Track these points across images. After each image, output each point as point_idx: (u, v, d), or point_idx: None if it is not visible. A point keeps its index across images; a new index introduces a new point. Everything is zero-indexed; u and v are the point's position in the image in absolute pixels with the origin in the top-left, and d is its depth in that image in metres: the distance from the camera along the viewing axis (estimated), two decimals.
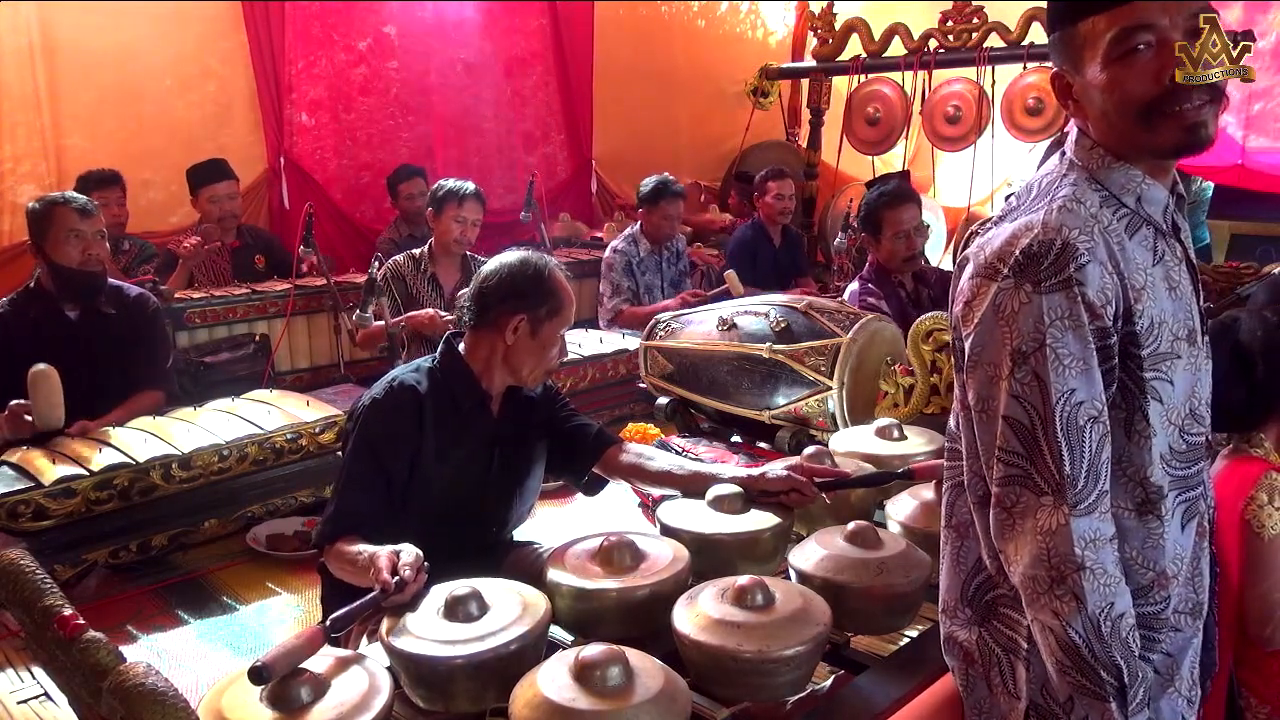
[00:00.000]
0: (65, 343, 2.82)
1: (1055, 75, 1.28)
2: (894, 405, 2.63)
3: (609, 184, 6.58)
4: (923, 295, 3.35)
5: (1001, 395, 1.18)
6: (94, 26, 4.44)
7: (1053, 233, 1.17)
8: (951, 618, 1.40)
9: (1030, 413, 1.16)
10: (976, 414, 1.23)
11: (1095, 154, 1.25)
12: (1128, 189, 1.24)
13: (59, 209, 2.79)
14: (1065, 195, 1.22)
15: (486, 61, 5.88)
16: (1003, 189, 6.25)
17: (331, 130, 5.36)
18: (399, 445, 1.90)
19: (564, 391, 3.39)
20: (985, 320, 1.20)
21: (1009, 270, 1.18)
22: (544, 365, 2.00)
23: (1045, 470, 1.16)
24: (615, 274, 4.52)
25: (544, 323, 1.96)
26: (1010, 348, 1.17)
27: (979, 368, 1.21)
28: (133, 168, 4.57)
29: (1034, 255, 1.16)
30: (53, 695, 1.54)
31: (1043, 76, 5.24)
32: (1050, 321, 1.15)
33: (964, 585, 1.37)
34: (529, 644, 1.40)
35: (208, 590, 2.55)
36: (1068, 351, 1.15)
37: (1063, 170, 1.27)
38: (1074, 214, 1.19)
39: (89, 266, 2.83)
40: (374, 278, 3.44)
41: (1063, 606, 1.14)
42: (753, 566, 1.74)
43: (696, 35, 7.03)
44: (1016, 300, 1.17)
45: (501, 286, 1.96)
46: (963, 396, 1.30)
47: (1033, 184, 1.30)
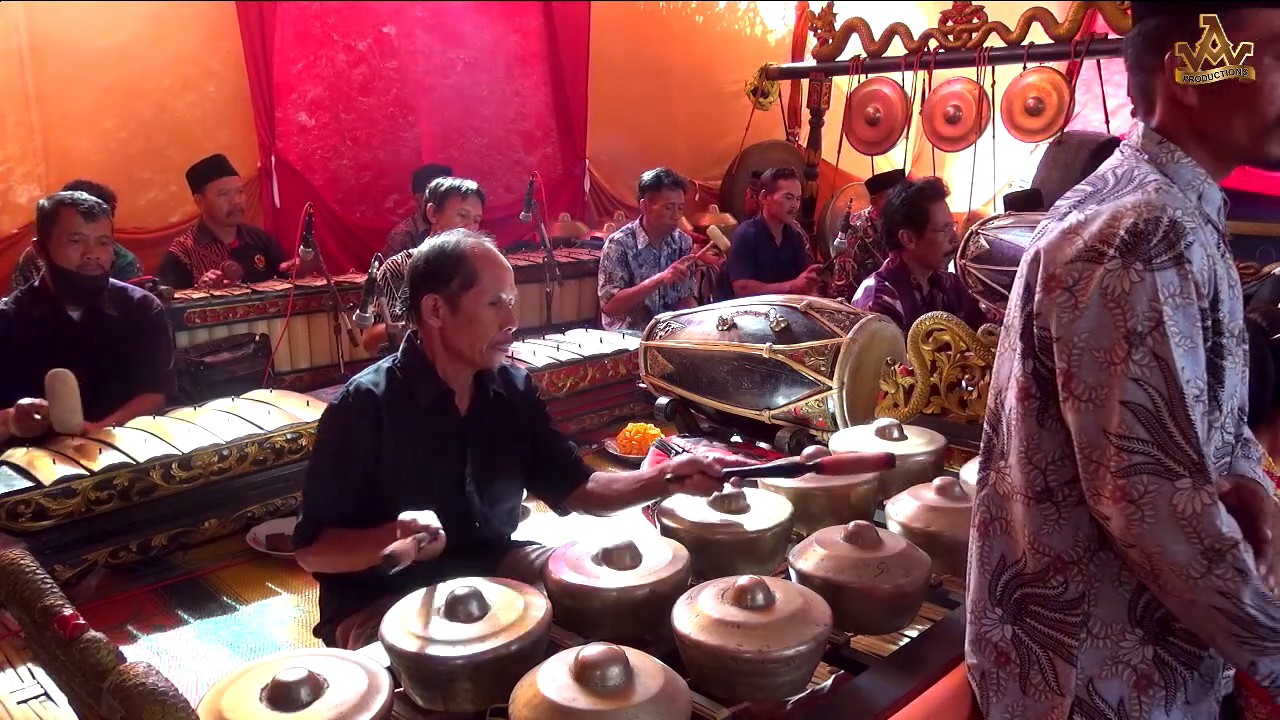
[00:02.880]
0: (67, 343, 2.81)
1: (1146, 52, 1.27)
2: (894, 405, 2.63)
3: (603, 183, 6.58)
4: (936, 298, 3.37)
5: (1118, 380, 1.15)
6: (93, 26, 4.44)
7: (1158, 210, 1.15)
8: (981, 618, 1.39)
9: (1154, 396, 1.13)
10: (1080, 404, 1.18)
11: (1165, 149, 1.25)
12: (1192, 185, 1.24)
13: (64, 210, 2.78)
14: (1156, 180, 1.22)
15: (486, 61, 5.88)
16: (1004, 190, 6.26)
17: (332, 130, 5.37)
18: (356, 451, 1.89)
19: (564, 391, 3.45)
20: (1092, 305, 1.17)
21: (1115, 250, 1.16)
22: (484, 339, 1.93)
23: (1179, 452, 1.12)
24: (610, 263, 4.54)
25: (459, 296, 1.91)
26: (1124, 330, 1.14)
27: (1086, 355, 1.18)
28: (133, 168, 4.58)
29: (1142, 233, 1.14)
30: (53, 695, 1.54)
31: (1042, 76, 5.24)
32: (1165, 298, 1.13)
33: (990, 584, 1.37)
34: (529, 644, 1.40)
35: (208, 590, 2.54)
36: (1179, 330, 1.13)
37: (1135, 163, 1.27)
38: (1173, 195, 1.19)
39: (87, 270, 2.82)
40: (374, 277, 3.44)
41: (1228, 584, 1.11)
42: (753, 566, 1.74)
43: (694, 33, 7.02)
44: (1127, 280, 1.14)
45: (414, 274, 1.96)
46: (1026, 389, 1.27)
47: (1104, 175, 1.29)
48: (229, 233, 4.31)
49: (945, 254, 3.32)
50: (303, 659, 1.35)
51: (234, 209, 4.25)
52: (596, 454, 3.27)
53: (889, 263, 3.41)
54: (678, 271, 4.44)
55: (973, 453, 2.23)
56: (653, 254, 4.65)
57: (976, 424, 2.46)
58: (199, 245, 4.25)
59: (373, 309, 3.39)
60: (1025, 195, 5.09)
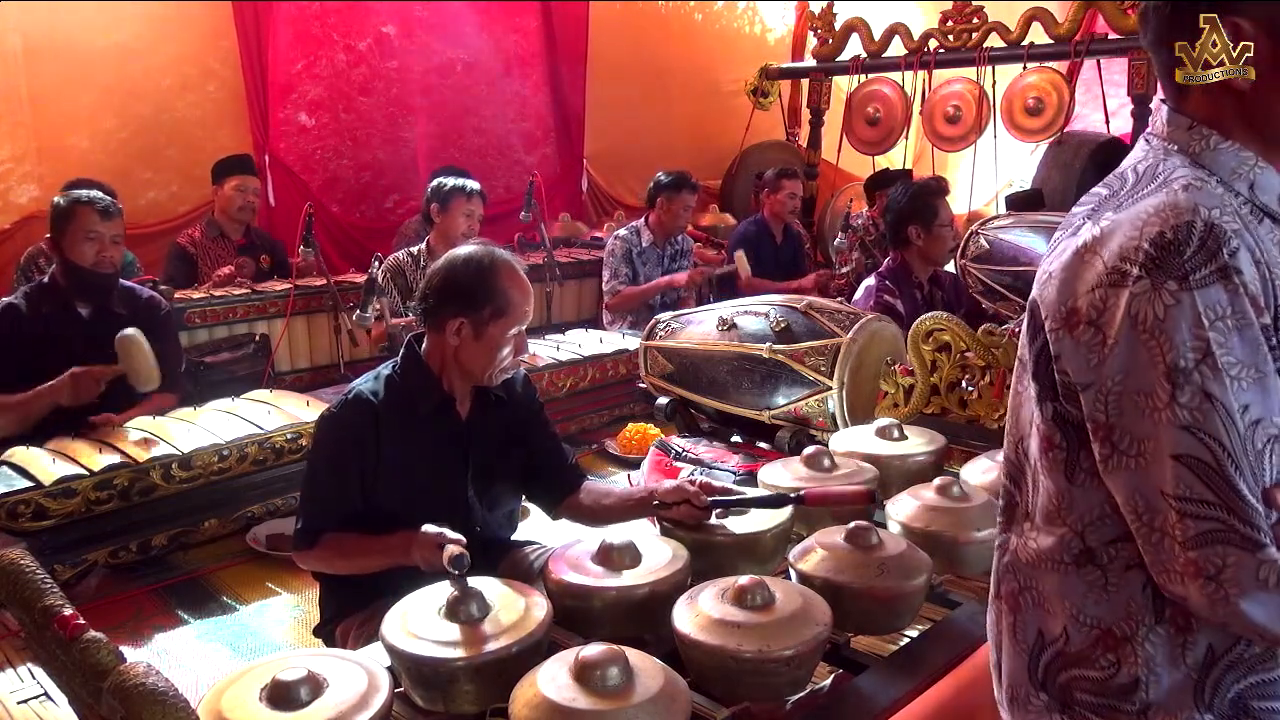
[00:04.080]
0: (76, 340, 2.84)
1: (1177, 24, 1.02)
2: (894, 405, 2.63)
3: (600, 182, 6.58)
4: (936, 298, 3.39)
5: (1165, 430, 0.94)
6: (92, 26, 4.44)
7: (1189, 214, 0.94)
8: (1024, 707, 1.15)
9: (1211, 445, 0.92)
10: (1126, 460, 0.98)
11: (1196, 134, 1.04)
12: (1239, 173, 1.02)
13: (81, 208, 2.82)
14: (1185, 175, 1.00)
15: (486, 61, 5.88)
16: (1004, 190, 6.26)
17: (332, 130, 5.37)
18: (351, 459, 1.88)
19: (564, 391, 3.46)
20: (1122, 339, 0.96)
21: (1140, 269, 0.94)
22: (496, 366, 1.93)
23: (1253, 514, 0.92)
24: (615, 259, 4.53)
25: (487, 325, 1.88)
26: (1164, 366, 0.93)
27: (1123, 400, 0.97)
28: (133, 168, 4.58)
29: (1171, 244, 0.93)
30: (53, 695, 1.54)
31: (1042, 76, 5.25)
32: (1211, 322, 0.92)
33: (1030, 666, 1.14)
34: (530, 645, 1.40)
35: (208, 590, 2.54)
36: (1235, 359, 0.92)
37: (1162, 155, 1.05)
38: (1205, 193, 0.97)
39: (101, 268, 2.87)
40: (374, 277, 3.44)
41: None
42: (753, 566, 1.74)
43: (693, 32, 7.02)
44: (1159, 304, 0.93)
45: (443, 287, 1.90)
46: (1049, 438, 1.08)
47: (1124, 173, 1.08)
48: (237, 230, 4.33)
49: (951, 249, 3.36)
50: (303, 659, 1.36)
51: (247, 206, 4.29)
52: (596, 454, 3.28)
53: (890, 262, 3.44)
54: (693, 280, 4.45)
55: (973, 453, 2.24)
56: (656, 253, 4.64)
57: (976, 424, 2.47)
58: (206, 239, 4.27)
59: (373, 309, 3.39)
60: (1026, 195, 5.10)
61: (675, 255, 4.71)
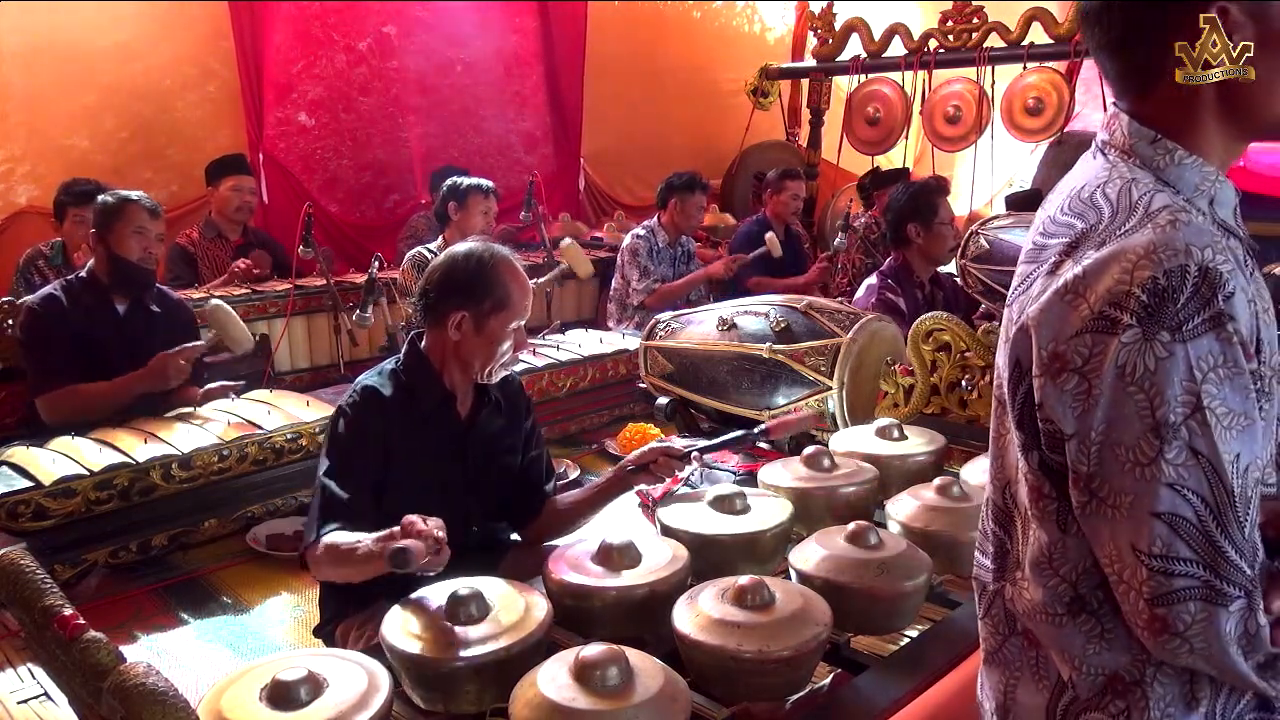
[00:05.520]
0: (113, 333, 2.97)
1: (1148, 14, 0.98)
2: (894, 405, 2.63)
3: (599, 182, 6.57)
4: (937, 298, 3.40)
5: (1149, 487, 0.90)
6: (93, 26, 4.45)
7: (1181, 256, 0.89)
8: None
9: (1195, 503, 0.90)
10: (1102, 507, 0.95)
11: (1161, 148, 0.99)
12: (1201, 190, 0.98)
13: (131, 205, 2.97)
14: (1166, 205, 0.94)
15: (485, 61, 5.88)
16: (1004, 190, 6.26)
17: (331, 130, 5.38)
18: (368, 449, 1.89)
19: (564, 391, 3.45)
20: (1108, 390, 0.92)
21: (1131, 317, 0.90)
22: (495, 360, 1.96)
23: (1232, 570, 0.90)
24: (641, 258, 4.51)
25: (488, 318, 1.91)
26: (1151, 421, 0.90)
27: (1104, 451, 0.93)
28: (132, 167, 4.58)
29: (1165, 291, 0.88)
30: (53, 695, 1.54)
31: (1042, 76, 5.25)
32: (1203, 375, 0.88)
33: (1049, 707, 1.09)
34: (530, 645, 1.40)
35: (208, 590, 2.54)
36: (1228, 409, 0.89)
37: (1128, 175, 1.00)
38: (1194, 227, 0.91)
39: (147, 264, 3.02)
40: (373, 277, 3.44)
41: None
42: (753, 566, 1.74)
43: (692, 31, 7.02)
44: (1150, 356, 0.89)
45: (443, 281, 1.93)
46: (1038, 488, 1.03)
47: (1093, 199, 1.00)
48: (235, 229, 4.34)
49: (951, 248, 3.36)
50: (303, 659, 1.35)
51: (244, 206, 4.32)
52: (596, 454, 3.28)
53: (891, 261, 3.45)
54: (728, 269, 4.53)
55: (973, 453, 2.24)
56: (669, 253, 4.65)
57: (976, 424, 2.47)
58: (205, 240, 4.28)
59: (373, 309, 3.39)
60: (1026, 196, 5.09)
61: (682, 255, 4.72)
